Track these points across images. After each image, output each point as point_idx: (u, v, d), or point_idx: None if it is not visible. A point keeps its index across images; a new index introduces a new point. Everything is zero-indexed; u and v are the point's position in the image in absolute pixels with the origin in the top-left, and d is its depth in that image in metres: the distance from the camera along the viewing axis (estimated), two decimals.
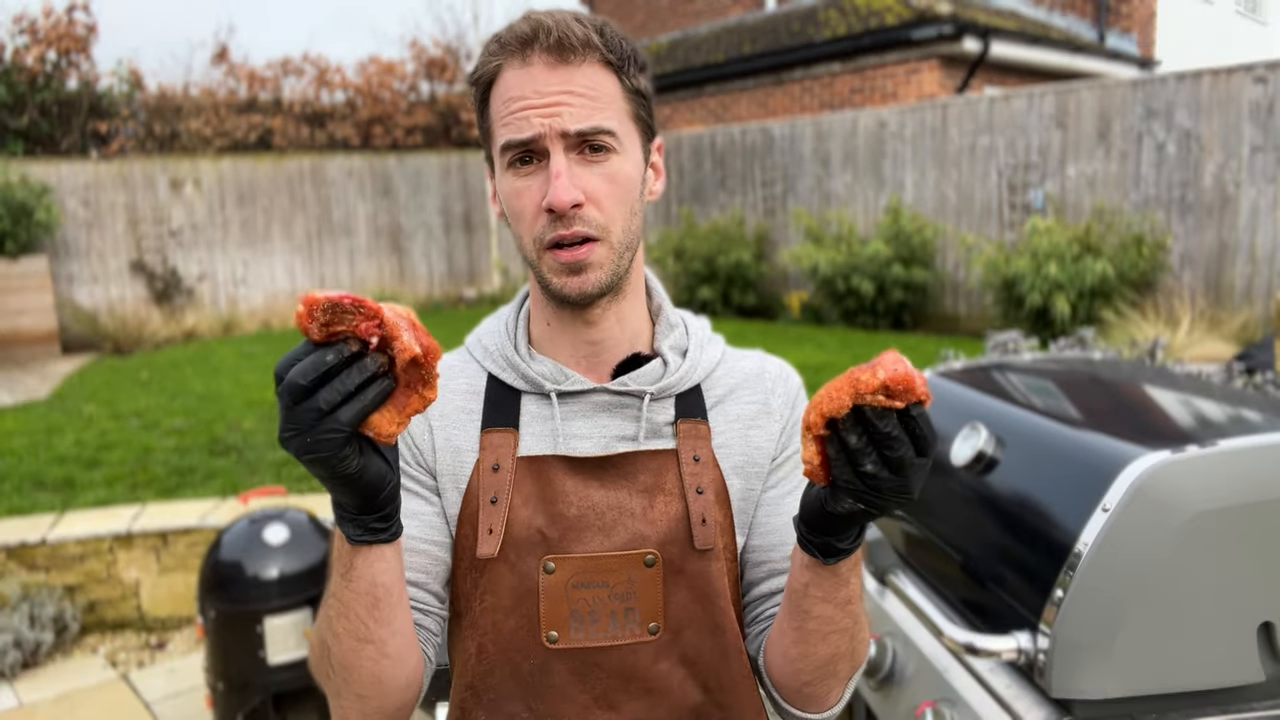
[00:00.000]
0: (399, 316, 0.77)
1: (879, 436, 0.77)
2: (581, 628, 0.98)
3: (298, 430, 0.75)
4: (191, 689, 3.56)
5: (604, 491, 1.00)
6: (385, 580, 0.86)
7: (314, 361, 0.75)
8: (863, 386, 0.76)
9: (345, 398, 0.75)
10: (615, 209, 0.97)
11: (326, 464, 0.76)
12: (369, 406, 0.76)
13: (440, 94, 15.40)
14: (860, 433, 0.77)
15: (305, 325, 0.75)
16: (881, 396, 0.76)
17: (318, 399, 0.74)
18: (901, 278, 8.73)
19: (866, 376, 0.76)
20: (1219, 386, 1.91)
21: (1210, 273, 7.30)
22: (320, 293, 0.75)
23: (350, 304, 0.75)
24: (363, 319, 0.76)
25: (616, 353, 1.06)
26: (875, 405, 0.77)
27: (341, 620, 0.87)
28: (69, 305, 10.75)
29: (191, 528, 4.16)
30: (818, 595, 0.91)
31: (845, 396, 0.77)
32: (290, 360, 0.76)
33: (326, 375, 0.75)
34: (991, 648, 1.42)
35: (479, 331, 1.11)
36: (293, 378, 0.74)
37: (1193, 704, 1.35)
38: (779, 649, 1.00)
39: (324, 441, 0.75)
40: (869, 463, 0.77)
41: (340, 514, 0.83)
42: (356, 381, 0.75)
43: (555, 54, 0.94)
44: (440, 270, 13.55)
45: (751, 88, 12.22)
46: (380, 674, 0.90)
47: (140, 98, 13.29)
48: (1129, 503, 1.34)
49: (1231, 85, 7.03)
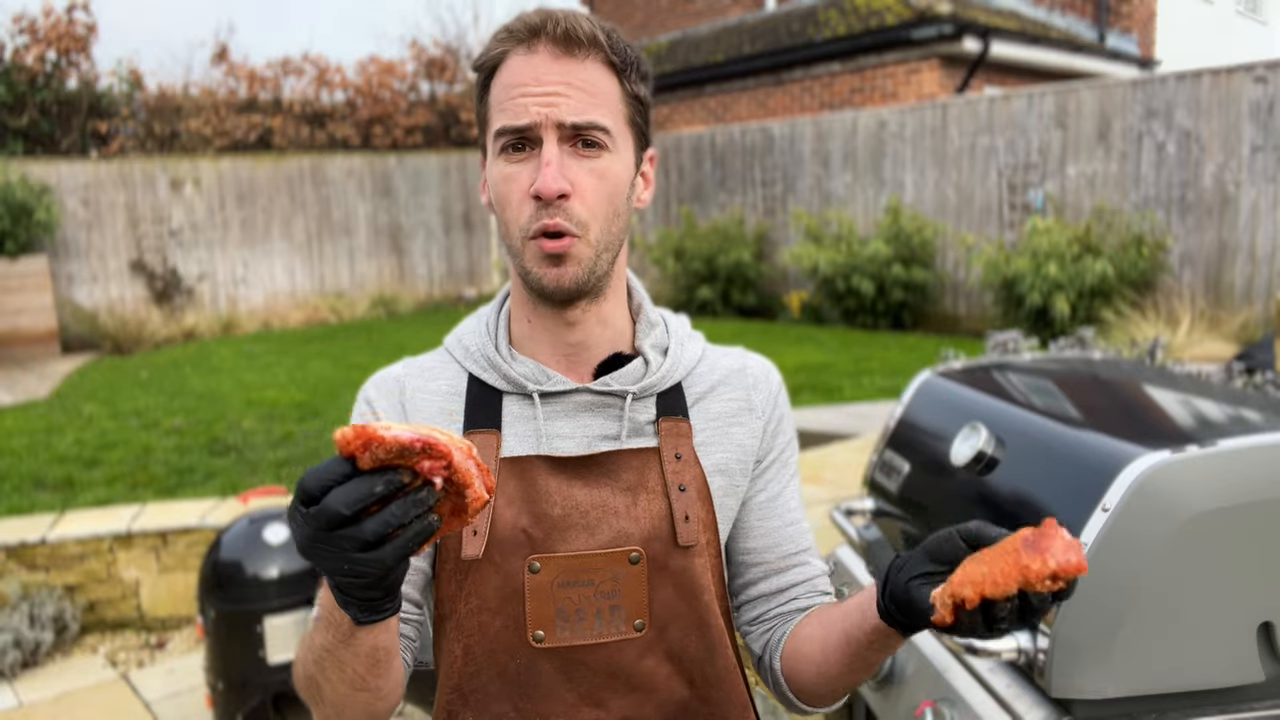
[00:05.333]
0: (466, 457, 0.72)
1: (1029, 610, 0.77)
2: (567, 626, 0.99)
3: (331, 553, 0.71)
4: (191, 689, 3.56)
5: (587, 490, 1.01)
6: (385, 643, 0.86)
7: (360, 490, 0.70)
8: (1032, 575, 0.75)
9: (392, 532, 0.71)
10: (599, 206, 0.97)
11: (361, 590, 0.74)
12: (416, 546, 0.72)
13: (440, 94, 15.41)
14: (1014, 607, 0.78)
15: (355, 452, 0.69)
16: (1048, 582, 0.75)
17: (362, 531, 0.70)
18: (901, 278, 8.73)
19: (1037, 566, 0.75)
20: (1219, 386, 1.91)
21: (1210, 273, 7.30)
22: (380, 429, 0.69)
23: (420, 447, 0.70)
24: (427, 459, 0.70)
25: (598, 352, 1.06)
26: (1041, 591, 0.76)
27: (336, 671, 0.87)
28: (69, 305, 10.75)
29: (191, 527, 4.16)
30: (880, 647, 0.93)
31: (1012, 584, 0.75)
32: (325, 480, 0.70)
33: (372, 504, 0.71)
34: (991, 648, 1.41)
35: (459, 331, 1.11)
36: (333, 505, 0.69)
37: (1192, 704, 1.35)
38: (816, 666, 1.01)
39: (364, 573, 0.72)
40: (1005, 622, 0.78)
41: (345, 600, 0.78)
42: (411, 517, 0.71)
43: (561, 45, 0.95)
44: (440, 270, 13.55)
45: (751, 88, 12.22)
46: (373, 711, 0.92)
47: (140, 97, 13.30)
48: (1129, 503, 1.34)
49: (1231, 85, 7.03)
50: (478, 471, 0.72)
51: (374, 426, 0.69)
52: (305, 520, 0.71)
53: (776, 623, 1.09)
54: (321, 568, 0.73)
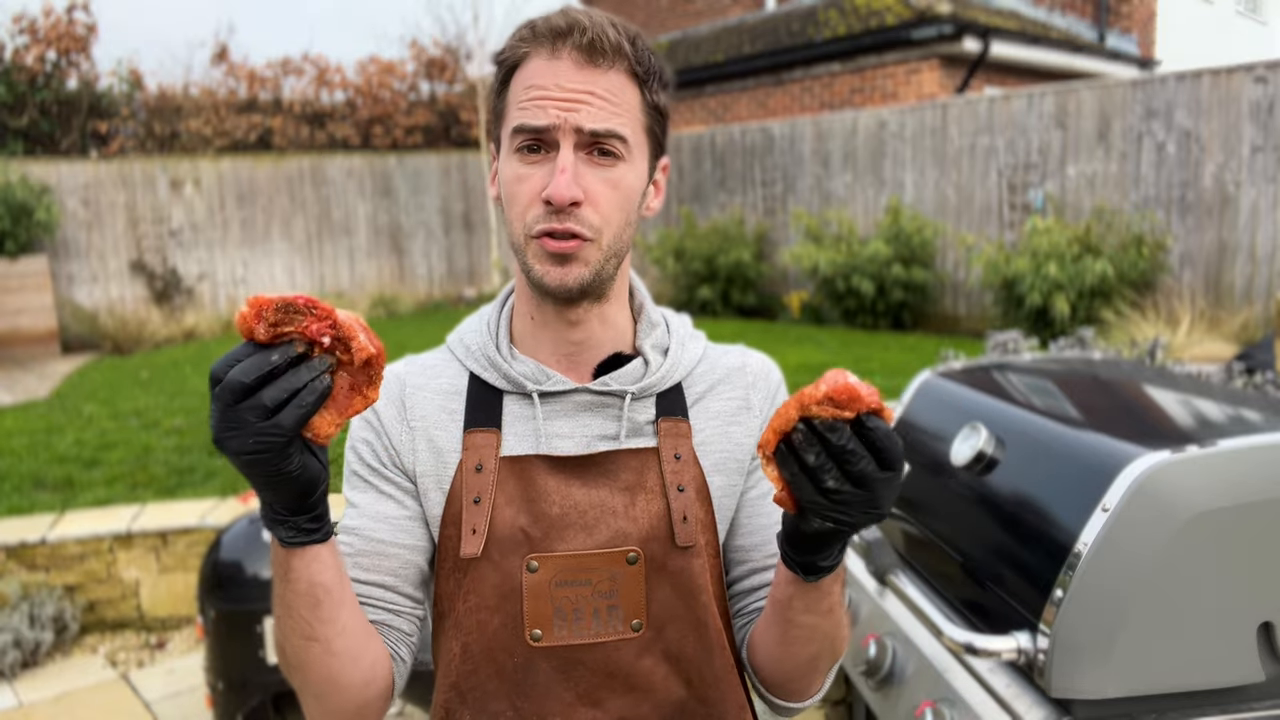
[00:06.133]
0: (352, 319, 0.77)
1: (835, 450, 0.77)
2: (565, 626, 0.99)
3: (237, 430, 0.74)
4: (191, 689, 3.56)
5: (586, 490, 1.01)
6: (324, 580, 0.87)
7: (257, 361, 0.74)
8: (807, 399, 0.76)
9: (290, 397, 0.75)
10: (612, 214, 0.97)
11: (267, 464, 0.76)
12: (312, 407, 0.76)
13: (440, 94, 15.41)
14: (817, 450, 0.77)
15: (250, 326, 0.75)
16: (829, 407, 0.76)
17: (261, 398, 0.74)
18: (901, 278, 8.73)
19: (810, 389, 0.77)
20: (1219, 386, 1.91)
21: (1210, 273, 7.30)
22: (269, 295, 0.75)
23: (304, 304, 0.75)
24: (314, 320, 0.76)
25: (599, 352, 1.06)
26: (823, 417, 0.77)
27: (287, 620, 0.89)
28: (69, 305, 10.75)
29: (191, 527, 4.16)
30: (801, 607, 0.92)
31: (792, 411, 0.77)
32: (230, 360, 0.75)
33: (270, 375, 0.75)
34: (991, 648, 1.42)
35: (460, 330, 1.11)
36: (235, 376, 0.74)
37: (1193, 704, 1.35)
38: (763, 648, 1.02)
39: (267, 442, 0.75)
40: (830, 479, 0.77)
41: (271, 516, 0.83)
42: (305, 380, 0.75)
43: (585, 53, 0.94)
44: (440, 270, 13.55)
45: (751, 88, 12.22)
46: (331, 673, 0.91)
47: (140, 97, 13.30)
48: (1129, 503, 1.34)
49: (1231, 85, 7.03)
50: (363, 329, 0.77)
51: (264, 294, 0.75)
52: (214, 403, 0.75)
53: (753, 617, 1.09)
54: (230, 450, 0.75)
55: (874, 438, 0.77)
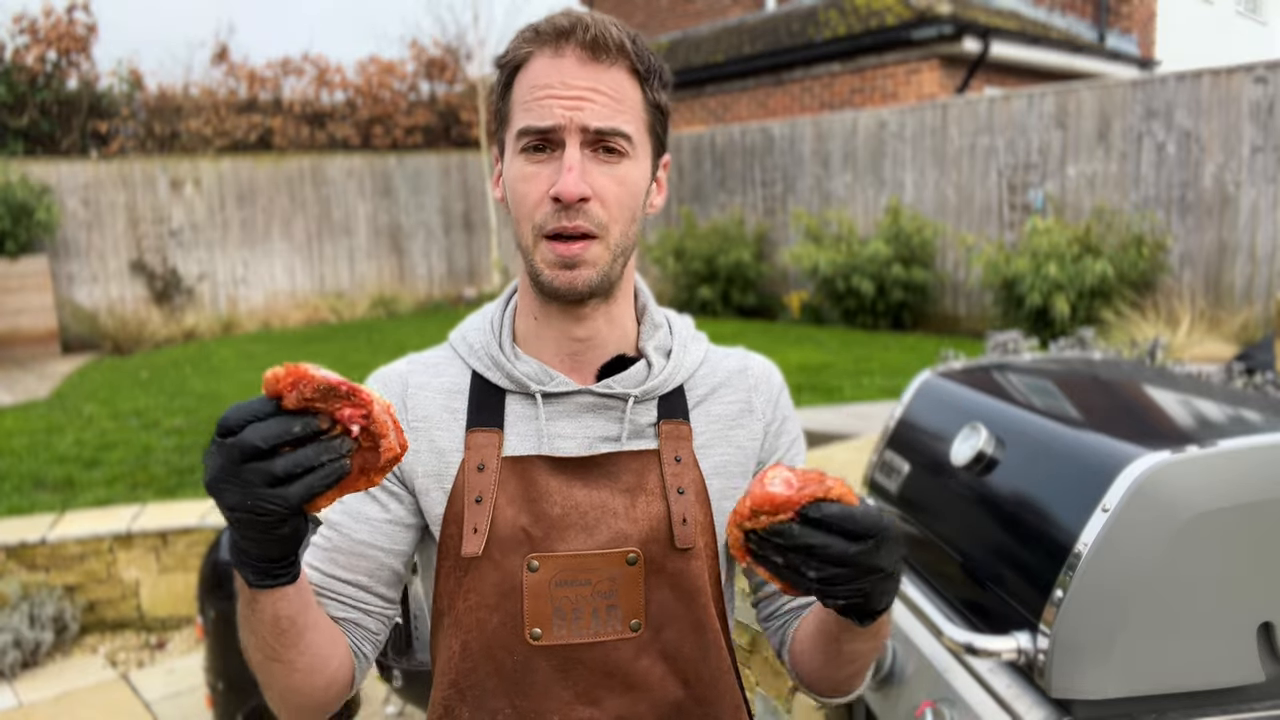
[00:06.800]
0: (385, 412, 0.75)
1: (793, 548, 0.76)
2: (564, 625, 1.00)
3: (237, 487, 0.72)
4: (191, 689, 3.56)
5: (587, 491, 1.01)
6: (288, 613, 0.86)
7: (278, 428, 0.72)
8: (739, 517, 0.76)
9: (303, 473, 0.73)
10: (619, 211, 0.98)
11: (259, 526, 0.75)
12: (322, 490, 0.74)
13: (440, 94, 15.41)
14: (779, 552, 0.77)
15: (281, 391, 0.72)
16: (763, 518, 0.75)
17: (273, 466, 0.72)
18: (901, 278, 8.73)
19: (739, 505, 0.76)
20: (1219, 386, 1.91)
21: (1210, 273, 7.30)
22: (312, 368, 0.72)
23: (346, 390, 0.73)
24: (349, 405, 0.73)
25: (602, 352, 1.06)
26: (760, 528, 0.76)
27: (250, 638, 0.89)
28: (69, 305, 10.76)
29: (191, 527, 4.16)
30: (849, 638, 0.94)
31: (733, 529, 0.78)
32: (247, 415, 0.73)
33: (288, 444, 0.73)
34: (991, 648, 1.41)
35: (464, 328, 1.12)
36: (250, 438, 0.71)
37: (1193, 704, 1.35)
38: (810, 664, 1.05)
39: (267, 509, 0.73)
40: (809, 569, 0.77)
41: (240, 560, 0.81)
42: (322, 460, 0.74)
43: (589, 51, 0.96)
44: (440, 270, 13.55)
45: (751, 88, 12.22)
46: (293, 684, 0.93)
47: (140, 98, 13.30)
48: (1129, 503, 1.34)
49: (1231, 85, 7.03)
50: (393, 427, 0.75)
51: (305, 366, 0.72)
52: (219, 451, 0.73)
53: (789, 619, 1.11)
54: (224, 503, 0.74)
55: (828, 524, 0.76)
